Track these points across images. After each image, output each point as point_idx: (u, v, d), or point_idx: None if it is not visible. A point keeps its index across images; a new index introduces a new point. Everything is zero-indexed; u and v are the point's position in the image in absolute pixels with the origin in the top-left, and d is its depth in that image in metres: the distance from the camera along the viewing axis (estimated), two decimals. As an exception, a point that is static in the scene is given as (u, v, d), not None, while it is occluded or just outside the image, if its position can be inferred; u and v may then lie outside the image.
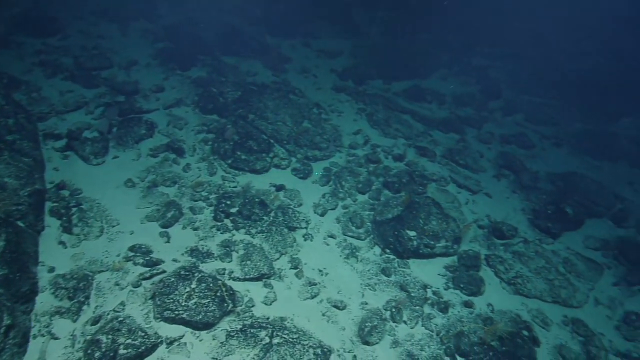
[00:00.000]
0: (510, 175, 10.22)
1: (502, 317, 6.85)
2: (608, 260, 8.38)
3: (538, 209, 9.18)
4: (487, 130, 11.93)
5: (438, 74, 13.83)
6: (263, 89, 10.41)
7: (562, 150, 12.05)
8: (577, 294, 7.49)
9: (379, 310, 6.53)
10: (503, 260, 7.79)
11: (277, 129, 9.25)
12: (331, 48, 13.72)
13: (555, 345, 6.63)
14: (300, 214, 7.87)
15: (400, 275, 7.19)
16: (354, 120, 10.78)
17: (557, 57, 16.12)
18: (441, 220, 7.81)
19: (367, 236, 7.77)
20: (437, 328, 6.48)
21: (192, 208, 7.28)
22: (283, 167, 8.76)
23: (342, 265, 7.21)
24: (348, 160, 9.40)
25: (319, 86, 11.92)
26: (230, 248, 6.71)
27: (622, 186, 10.70)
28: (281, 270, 6.80)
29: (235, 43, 12.21)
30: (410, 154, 9.97)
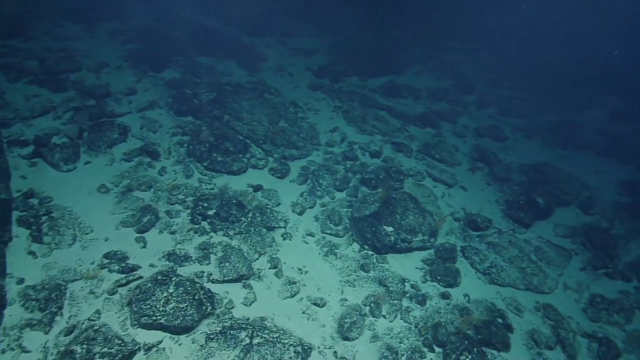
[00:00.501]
0: (484, 168, 10.49)
1: (478, 306, 7.06)
2: (576, 246, 8.72)
3: (511, 200, 9.47)
4: (462, 124, 12.22)
5: (413, 69, 14.04)
6: (238, 89, 10.35)
7: (533, 141, 12.43)
8: (547, 280, 7.78)
9: (358, 306, 6.63)
10: (478, 251, 8.02)
11: (253, 129, 9.22)
12: (307, 46, 13.73)
13: (527, 330, 6.89)
14: (278, 213, 7.89)
15: (379, 271, 7.31)
16: (331, 118, 10.84)
17: (527, 51, 16.59)
18: (418, 215, 7.97)
19: (345, 233, 7.86)
20: (415, 320, 6.63)
21: (168, 212, 7.20)
22: (260, 167, 8.75)
23: (321, 263, 7.27)
24: (325, 158, 9.47)
25: (295, 85, 11.94)
26: (208, 250, 6.68)
27: (589, 175, 11.15)
28: (260, 271, 6.82)
29: (209, 43, 12.08)
30: (387, 149, 10.11)
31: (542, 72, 15.32)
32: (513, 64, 15.45)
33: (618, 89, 15.30)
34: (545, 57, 16.45)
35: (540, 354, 6.57)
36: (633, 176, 11.29)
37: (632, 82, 15.62)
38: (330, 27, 14.93)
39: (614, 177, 11.27)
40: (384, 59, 13.68)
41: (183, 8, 12.03)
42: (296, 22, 14.36)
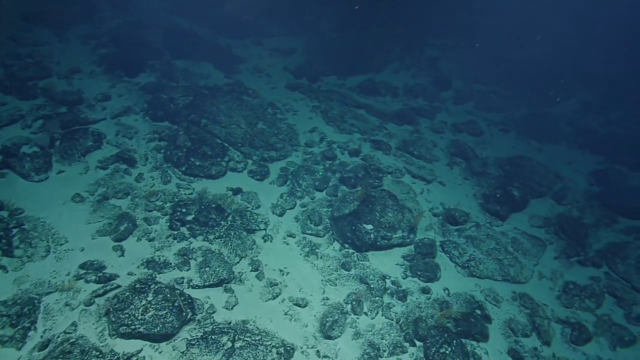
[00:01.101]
0: (462, 163, 10.70)
1: (458, 299, 7.23)
2: (550, 236, 9.00)
3: (488, 193, 9.68)
4: (440, 120, 12.42)
5: (391, 67, 14.17)
6: (215, 92, 10.28)
7: (509, 135, 12.73)
8: (524, 270, 8.01)
9: (340, 304, 6.71)
10: (457, 245, 8.19)
11: (231, 132, 9.18)
12: (284, 46, 13.71)
13: (505, 320, 7.09)
14: (258, 215, 7.90)
15: (359, 269, 7.40)
16: (309, 118, 10.88)
17: (502, 46, 16.90)
18: (397, 212, 8.09)
19: (326, 233, 7.92)
20: (396, 316, 6.74)
21: (146, 219, 7.13)
22: (239, 170, 8.73)
23: (302, 264, 7.32)
24: (305, 158, 9.50)
25: (273, 85, 11.92)
26: (188, 256, 6.65)
27: (561, 166, 11.49)
28: (242, 274, 6.82)
29: (186, 46, 11.93)
30: (366, 148, 10.21)
31: (517, 68, 15.66)
32: (489, 59, 15.73)
33: (589, 82, 15.77)
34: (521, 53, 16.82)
35: (517, 341, 6.79)
36: (603, 166, 11.70)
37: (601, 75, 16.14)
38: (307, 26, 14.92)
39: (585, 168, 11.65)
40: (362, 57, 13.77)
41: (150, 23, 11.78)
42: (272, 21, 14.30)
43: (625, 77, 16.11)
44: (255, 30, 13.92)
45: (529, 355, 6.63)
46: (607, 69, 16.83)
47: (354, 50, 14.02)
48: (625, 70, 16.55)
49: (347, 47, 14.14)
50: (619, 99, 14.95)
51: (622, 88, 15.45)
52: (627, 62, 17.23)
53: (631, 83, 15.79)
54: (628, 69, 16.71)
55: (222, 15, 13.62)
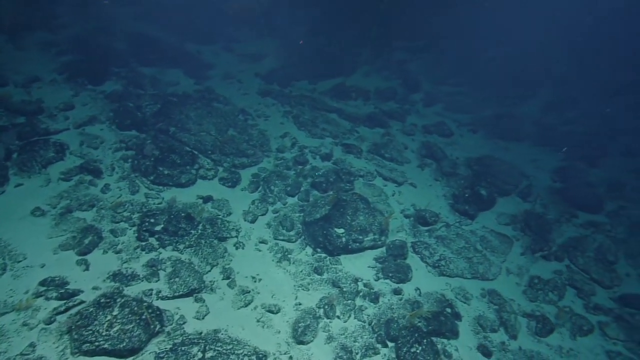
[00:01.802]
0: (432, 164, 10.94)
1: (429, 298, 7.38)
2: (517, 232, 9.32)
3: (457, 193, 9.94)
4: (411, 122, 12.66)
5: (361, 70, 14.36)
6: (185, 99, 10.14)
7: (477, 135, 13.11)
8: (492, 267, 8.26)
9: (312, 309, 6.74)
10: (428, 246, 8.36)
11: (200, 139, 9.08)
12: (255, 51, 13.68)
13: (474, 316, 7.29)
14: (230, 223, 7.85)
15: (332, 272, 7.46)
16: (281, 123, 10.89)
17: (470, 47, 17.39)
18: (368, 215, 8.19)
19: (298, 238, 7.94)
20: (369, 318, 6.82)
21: (113, 230, 6.95)
22: (210, 177, 8.65)
23: (275, 270, 7.32)
24: (276, 164, 9.50)
25: (245, 91, 11.87)
26: (156, 267, 6.53)
27: (526, 164, 11.92)
28: (213, 283, 6.76)
29: (153, 52, 11.73)
30: (337, 152, 10.30)
31: (483, 69, 16.16)
32: (457, 61, 16.15)
33: (551, 82, 16.45)
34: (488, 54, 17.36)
35: (486, 337, 6.99)
36: (564, 163, 12.21)
37: (562, 75, 16.87)
38: (278, 31, 14.95)
39: (548, 165, 12.13)
40: (333, 61, 13.91)
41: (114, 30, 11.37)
42: (242, 27, 14.25)
43: (582, 77, 16.92)
44: (226, 36, 13.82)
45: (497, 349, 6.84)
46: (568, 69, 17.62)
47: (325, 55, 14.17)
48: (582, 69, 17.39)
49: (319, 52, 14.27)
50: (576, 98, 15.67)
51: (578, 87, 16.22)
52: (585, 62, 18.11)
53: (587, 82, 16.61)
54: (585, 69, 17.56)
55: (190, 21, 13.46)
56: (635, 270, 8.84)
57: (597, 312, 7.77)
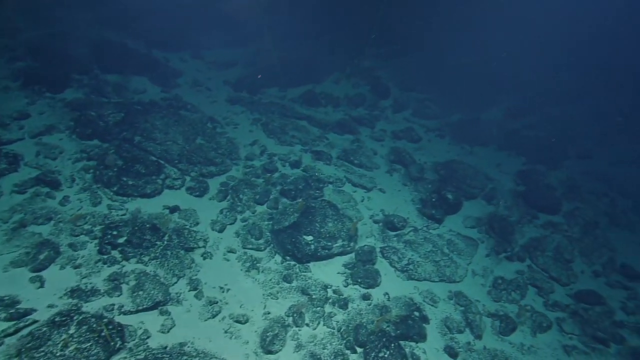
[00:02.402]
0: (401, 169, 11.16)
1: (397, 303, 7.50)
2: (482, 235, 9.63)
3: (425, 198, 10.18)
4: (380, 128, 12.89)
5: (331, 77, 14.52)
6: (151, 108, 9.93)
7: (445, 140, 13.49)
8: (458, 269, 8.49)
9: (281, 317, 6.71)
10: (396, 250, 8.51)
11: (167, 149, 8.91)
12: (224, 58, 13.59)
13: (442, 318, 7.46)
14: (197, 233, 7.72)
15: (301, 280, 7.46)
16: (250, 131, 10.84)
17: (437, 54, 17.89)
18: (337, 221, 8.26)
19: (267, 246, 7.91)
20: (338, 325, 6.86)
21: (72, 245, 6.69)
22: (177, 187, 8.49)
23: (243, 279, 7.25)
24: (245, 172, 9.44)
25: (213, 99, 11.76)
26: (119, 281, 6.33)
27: (491, 168, 12.36)
28: (179, 294, 6.62)
29: (117, 59, 11.42)
30: (307, 159, 10.35)
31: (450, 75, 16.65)
32: (425, 67, 16.57)
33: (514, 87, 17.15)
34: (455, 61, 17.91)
35: (453, 338, 7.16)
36: (526, 166, 12.75)
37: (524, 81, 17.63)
38: (248, 38, 14.92)
39: (511, 168, 12.62)
40: (303, 68, 13.99)
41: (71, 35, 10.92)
42: (211, 33, 14.13)
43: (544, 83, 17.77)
44: (195, 43, 13.67)
45: (463, 350, 7.02)
46: (530, 75, 18.43)
47: (295, 62, 14.23)
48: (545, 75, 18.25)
49: (289, 59, 14.32)
50: (537, 103, 16.43)
51: (540, 93, 17.02)
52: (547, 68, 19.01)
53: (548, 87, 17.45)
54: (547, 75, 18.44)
55: (157, 28, 13.22)
56: (589, 268, 9.32)
57: (555, 309, 8.13)
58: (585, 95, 18.40)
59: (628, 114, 16.86)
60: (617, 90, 18.36)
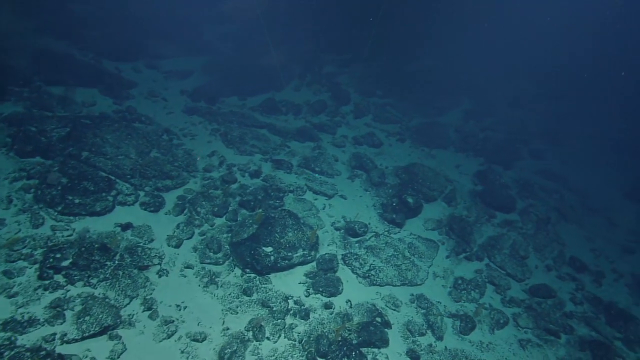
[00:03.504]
0: (362, 175, 11.25)
1: (360, 309, 7.50)
2: (442, 236, 9.84)
3: (386, 202, 10.29)
4: (341, 135, 12.97)
5: (292, 84, 14.51)
6: (101, 121, 9.49)
7: (405, 144, 13.75)
8: (420, 272, 8.61)
9: (241, 332, 6.54)
10: (358, 257, 8.52)
11: (118, 163, 8.54)
12: (181, 68, 13.27)
13: (404, 322, 7.52)
14: (152, 250, 7.41)
15: (262, 292, 7.31)
16: (208, 142, 10.61)
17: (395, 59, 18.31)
18: (297, 231, 8.19)
19: (225, 260, 7.71)
20: (299, 336, 6.76)
21: (7, 271, 6.22)
22: (129, 203, 8.14)
23: (201, 295, 7.02)
24: (203, 184, 9.20)
25: (170, 110, 11.43)
26: (62, 307, 5.95)
27: (450, 169, 12.72)
28: (132, 316, 6.31)
29: (62, 70, 10.84)
30: (267, 168, 10.23)
31: (408, 80, 17.09)
32: (384, 72, 16.91)
33: (470, 91, 17.82)
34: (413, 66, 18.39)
35: (415, 341, 7.23)
36: (483, 167, 13.21)
37: (479, 85, 18.36)
38: (206, 47, 14.67)
39: (470, 169, 13.04)
40: (262, 76, 13.90)
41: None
42: (166, 43, 13.78)
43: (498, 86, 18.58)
44: (149, 52, 13.27)
45: (425, 352, 7.10)
46: (485, 79, 19.22)
47: (255, 70, 14.12)
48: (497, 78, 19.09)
49: (248, 67, 14.20)
50: (492, 105, 17.14)
51: (494, 96, 17.77)
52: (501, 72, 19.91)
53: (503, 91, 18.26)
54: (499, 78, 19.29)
55: (107, 36, 12.72)
56: (542, 262, 9.73)
57: (511, 304, 8.40)
58: (539, 98, 19.42)
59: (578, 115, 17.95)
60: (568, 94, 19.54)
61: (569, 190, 13.34)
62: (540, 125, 17.23)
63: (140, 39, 13.33)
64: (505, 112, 17.47)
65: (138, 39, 13.26)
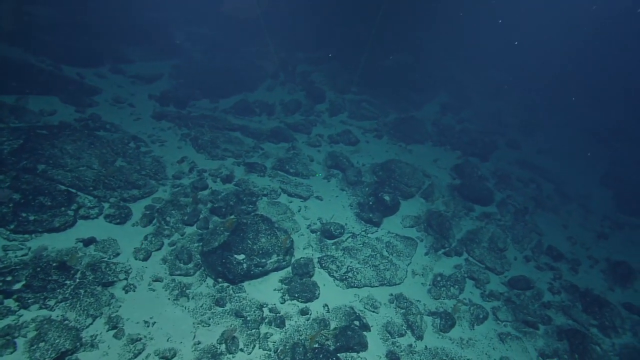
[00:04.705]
0: (338, 174, 11.05)
1: (337, 313, 7.31)
2: (420, 233, 9.73)
3: (363, 201, 10.12)
4: (317, 134, 12.74)
5: (265, 84, 14.20)
6: (60, 131, 9.02)
7: (382, 140, 13.61)
8: (398, 271, 8.47)
9: (213, 346, 6.28)
10: (335, 259, 8.32)
11: (79, 175, 8.12)
12: (149, 72, 12.81)
13: (383, 324, 7.37)
14: (117, 265, 7.05)
15: (235, 302, 7.05)
16: (178, 147, 10.24)
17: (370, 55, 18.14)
18: (271, 236, 7.93)
19: (196, 270, 7.41)
20: (274, 345, 6.53)
21: (-48, 299, 5.82)
22: (93, 216, 7.75)
23: (171, 309, 6.71)
24: (173, 192, 8.86)
25: (137, 116, 11.00)
26: (12, 335, 5.57)
27: (428, 164, 12.64)
28: (95, 337, 5.96)
29: (15, 77, 10.25)
30: (240, 172, 9.94)
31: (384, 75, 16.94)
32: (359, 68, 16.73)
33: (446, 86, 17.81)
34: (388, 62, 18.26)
35: (395, 342, 7.09)
36: (461, 160, 13.18)
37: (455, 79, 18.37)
38: (174, 50, 14.22)
39: (447, 163, 12.99)
40: (234, 77, 13.55)
41: None
42: (133, 46, 13.29)
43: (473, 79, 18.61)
44: (114, 56, 12.76)
45: (404, 353, 6.96)
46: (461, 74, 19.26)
47: (226, 71, 13.76)
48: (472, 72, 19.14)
49: (219, 69, 13.82)
50: (468, 98, 17.16)
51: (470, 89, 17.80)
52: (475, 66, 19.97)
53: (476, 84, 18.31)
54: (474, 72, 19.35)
55: (66, 41, 12.15)
56: (521, 254, 9.73)
57: (491, 298, 8.35)
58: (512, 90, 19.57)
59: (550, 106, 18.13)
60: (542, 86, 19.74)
61: (546, 179, 13.43)
62: (516, 115, 17.36)
63: (104, 43, 12.79)
64: (482, 104, 17.52)
65: (102, 43, 12.72)
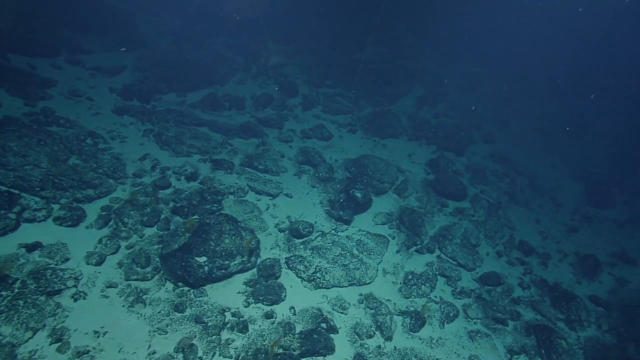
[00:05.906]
0: (310, 170, 10.72)
1: (304, 316, 7.03)
2: (392, 230, 9.53)
3: (333, 199, 9.83)
4: (289, 129, 12.35)
5: (236, 78, 13.70)
6: (3, 126, 8.36)
7: (357, 135, 13.34)
8: (369, 270, 8.23)
9: (169, 355, 5.90)
10: (303, 259, 8.02)
11: (23, 175, 7.53)
12: (111, 63, 12.12)
13: (351, 325, 7.13)
14: (65, 271, 6.55)
15: (196, 307, 6.68)
16: (140, 144, 9.69)
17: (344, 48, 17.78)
18: (235, 237, 7.56)
19: (155, 274, 6.98)
20: (236, 352, 6.21)
21: None
22: (40, 219, 7.19)
23: (125, 317, 6.28)
24: (132, 191, 8.36)
25: (96, 111, 10.35)
26: (-60, 353, 5.07)
27: (403, 159, 12.46)
28: (34, 352, 5.49)
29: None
30: (205, 169, 9.49)
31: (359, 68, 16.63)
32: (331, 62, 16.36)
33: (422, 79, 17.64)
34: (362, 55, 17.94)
35: (363, 344, 6.86)
36: (435, 155, 13.05)
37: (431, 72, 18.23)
38: (139, 41, 13.51)
39: (422, 158, 12.84)
40: (203, 70, 12.99)
41: None
42: (93, 35, 12.53)
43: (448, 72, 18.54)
44: (72, 46, 12.00)
45: (373, 355, 6.75)
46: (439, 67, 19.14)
47: (195, 64, 13.18)
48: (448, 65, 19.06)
49: (187, 61, 13.23)
50: (444, 92, 17.06)
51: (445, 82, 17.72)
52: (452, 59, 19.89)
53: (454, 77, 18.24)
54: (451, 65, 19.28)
55: (15, 29, 11.32)
56: (493, 249, 9.67)
57: (462, 296, 8.23)
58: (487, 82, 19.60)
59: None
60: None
61: (519, 173, 13.47)
62: (490, 109, 17.39)
63: (60, 31, 12.01)
64: (457, 97, 17.46)
65: (57, 31, 11.93)
